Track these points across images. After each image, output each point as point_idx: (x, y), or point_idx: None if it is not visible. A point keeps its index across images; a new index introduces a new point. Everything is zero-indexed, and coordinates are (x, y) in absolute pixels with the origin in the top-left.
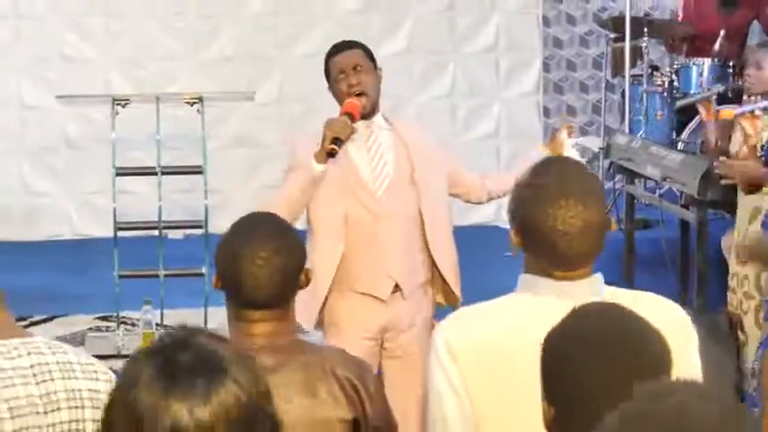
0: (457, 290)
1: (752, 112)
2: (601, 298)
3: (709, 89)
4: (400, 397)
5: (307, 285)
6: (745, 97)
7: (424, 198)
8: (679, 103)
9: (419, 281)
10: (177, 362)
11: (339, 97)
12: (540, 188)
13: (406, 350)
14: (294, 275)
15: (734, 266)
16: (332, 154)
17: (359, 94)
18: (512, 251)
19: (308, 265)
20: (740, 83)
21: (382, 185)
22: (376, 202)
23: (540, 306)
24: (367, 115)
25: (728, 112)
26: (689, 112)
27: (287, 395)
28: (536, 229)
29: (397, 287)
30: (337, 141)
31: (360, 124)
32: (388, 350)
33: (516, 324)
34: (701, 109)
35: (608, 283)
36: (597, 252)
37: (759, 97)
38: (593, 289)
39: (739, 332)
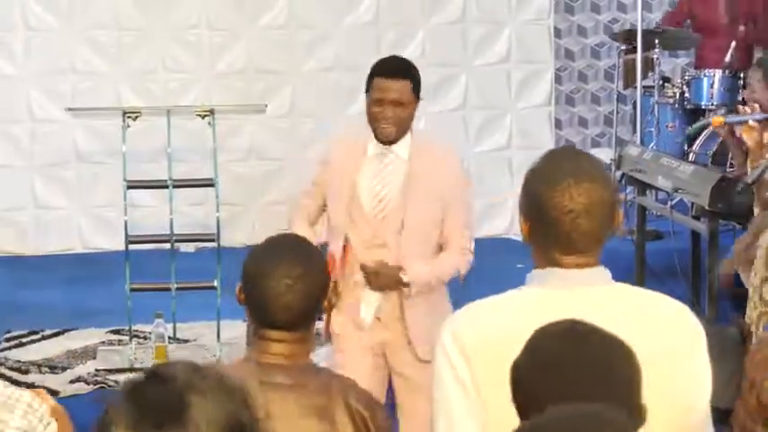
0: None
1: (746, 122)
2: (611, 287)
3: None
4: (408, 413)
5: (330, 310)
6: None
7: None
8: (689, 129)
9: (399, 312)
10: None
11: (368, 113)
12: (547, 171)
13: (409, 372)
14: (318, 300)
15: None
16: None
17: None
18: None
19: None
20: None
21: (380, 212)
22: (370, 228)
23: (549, 298)
24: (391, 142)
25: (718, 119)
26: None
27: (300, 415)
28: (543, 210)
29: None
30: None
31: (377, 149)
32: (393, 367)
33: (527, 316)
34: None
35: None
36: (604, 233)
37: (757, 107)
38: (603, 278)
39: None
